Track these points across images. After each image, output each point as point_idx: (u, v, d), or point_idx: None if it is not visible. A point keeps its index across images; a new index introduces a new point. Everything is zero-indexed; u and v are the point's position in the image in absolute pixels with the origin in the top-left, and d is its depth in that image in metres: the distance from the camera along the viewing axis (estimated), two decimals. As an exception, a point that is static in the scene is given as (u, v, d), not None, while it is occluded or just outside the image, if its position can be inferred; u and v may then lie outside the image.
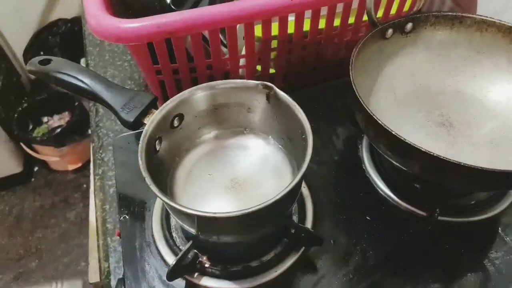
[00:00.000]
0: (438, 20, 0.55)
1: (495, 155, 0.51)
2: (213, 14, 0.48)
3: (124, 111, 0.44)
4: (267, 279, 0.44)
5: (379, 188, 0.53)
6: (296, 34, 0.56)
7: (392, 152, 0.45)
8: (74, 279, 1.36)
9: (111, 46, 0.77)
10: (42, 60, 0.47)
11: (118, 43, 0.56)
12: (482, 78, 0.56)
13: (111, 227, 0.52)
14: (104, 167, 0.59)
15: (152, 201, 0.51)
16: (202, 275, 0.45)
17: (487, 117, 0.54)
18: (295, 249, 0.47)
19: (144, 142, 0.41)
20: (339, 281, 0.45)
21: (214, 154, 0.50)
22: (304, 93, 0.65)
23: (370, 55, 0.52)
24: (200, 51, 0.53)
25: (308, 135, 0.41)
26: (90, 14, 0.47)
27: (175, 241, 0.48)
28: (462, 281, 0.46)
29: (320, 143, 0.58)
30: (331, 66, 0.66)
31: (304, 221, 0.49)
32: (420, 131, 0.53)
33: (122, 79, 0.71)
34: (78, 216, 1.52)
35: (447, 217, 0.49)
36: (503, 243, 0.49)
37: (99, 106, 0.67)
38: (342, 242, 0.48)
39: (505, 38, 0.53)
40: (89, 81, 0.46)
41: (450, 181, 0.44)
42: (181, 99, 0.46)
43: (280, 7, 0.50)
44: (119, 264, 0.49)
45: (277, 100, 0.46)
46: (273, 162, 0.49)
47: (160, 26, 0.46)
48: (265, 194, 0.44)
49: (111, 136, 0.63)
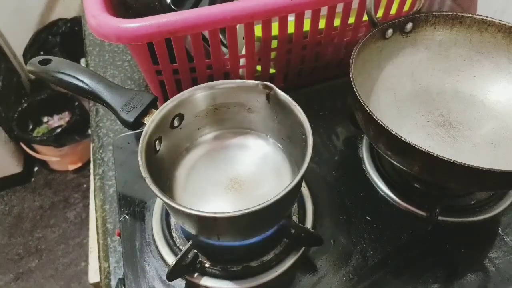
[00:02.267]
0: (438, 20, 0.55)
1: (495, 155, 0.51)
2: (213, 14, 0.48)
3: (124, 111, 0.44)
4: (267, 279, 0.44)
5: (379, 188, 0.53)
6: (296, 34, 0.56)
7: (392, 152, 0.45)
8: (74, 279, 1.36)
9: (111, 46, 0.77)
10: (42, 60, 0.47)
11: (118, 43, 0.56)
12: (482, 78, 0.56)
13: (111, 227, 0.52)
14: (104, 167, 0.59)
15: (152, 201, 0.51)
16: (202, 275, 0.45)
17: (487, 117, 0.54)
18: (295, 249, 0.47)
19: (144, 142, 0.41)
20: (339, 281, 0.45)
21: (214, 154, 0.50)
22: (304, 93, 0.65)
23: (370, 55, 0.53)
24: (200, 51, 0.53)
25: (308, 135, 0.41)
26: (90, 14, 0.47)
27: (175, 241, 0.47)
28: (462, 281, 0.46)
29: (320, 143, 0.58)
30: (331, 66, 0.66)
31: (304, 221, 0.49)
32: (420, 131, 0.53)
33: (122, 79, 0.71)
34: (78, 216, 1.52)
35: (447, 217, 0.49)
36: (503, 243, 0.49)
37: (99, 106, 0.67)
38: (342, 242, 0.48)
39: (505, 38, 0.53)
40: (89, 81, 0.46)
41: (450, 181, 0.44)
42: (181, 99, 0.46)
43: (280, 7, 0.50)
44: (119, 264, 0.49)
45: (277, 100, 0.46)
46: (273, 162, 0.49)
47: (160, 26, 0.46)
48: (265, 194, 0.44)
49: (111, 136, 0.63)
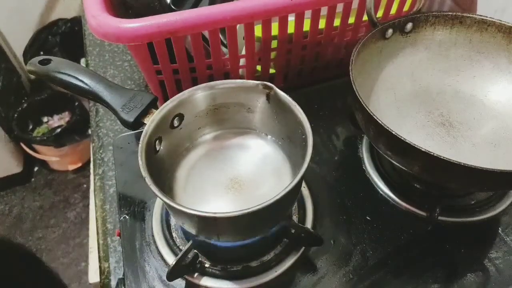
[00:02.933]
0: (438, 20, 0.55)
1: (495, 155, 0.51)
2: (213, 14, 0.48)
3: (124, 111, 0.44)
4: (267, 279, 0.44)
5: (379, 188, 0.53)
6: (296, 34, 0.56)
7: (392, 152, 0.45)
8: (74, 279, 1.36)
9: (111, 46, 0.77)
10: (42, 60, 0.47)
11: (118, 43, 0.56)
12: (482, 78, 0.56)
13: (111, 227, 0.52)
14: (104, 167, 0.59)
15: (152, 201, 0.51)
16: (202, 275, 0.45)
17: (487, 117, 0.54)
18: (295, 249, 0.47)
19: (144, 142, 0.41)
20: (339, 281, 0.45)
21: (214, 154, 0.50)
22: (304, 93, 0.65)
23: (370, 55, 0.53)
24: (200, 51, 0.53)
25: (308, 135, 0.41)
26: (90, 14, 0.47)
27: (175, 241, 0.47)
28: (462, 281, 0.46)
29: (320, 143, 0.58)
30: (331, 66, 0.66)
31: (304, 221, 0.49)
32: (420, 131, 0.53)
33: (122, 79, 0.71)
34: (78, 216, 1.52)
35: (447, 217, 0.49)
36: (503, 243, 0.49)
37: (99, 106, 0.67)
38: (342, 242, 0.48)
39: (505, 38, 0.53)
40: (89, 81, 0.46)
41: (450, 181, 0.44)
42: (181, 99, 0.46)
43: (280, 7, 0.50)
44: (119, 264, 0.49)
45: (277, 100, 0.46)
46: (273, 162, 0.49)
47: (160, 26, 0.46)
48: (265, 194, 0.45)
49: (111, 136, 0.63)
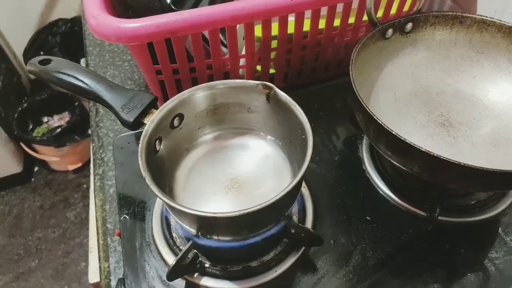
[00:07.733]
0: (438, 20, 0.55)
1: (495, 155, 0.51)
2: (213, 14, 0.48)
3: (124, 111, 0.44)
4: (267, 279, 0.44)
5: (379, 188, 0.53)
6: (296, 34, 0.56)
7: (392, 152, 0.45)
8: (74, 279, 1.37)
9: (111, 46, 0.77)
10: (42, 60, 0.47)
11: (118, 43, 0.56)
12: (482, 78, 0.56)
13: (111, 227, 0.52)
14: (104, 167, 0.59)
15: (152, 201, 0.51)
16: (202, 275, 0.45)
17: (487, 117, 0.54)
18: (295, 249, 0.46)
19: (144, 142, 0.41)
20: (339, 281, 0.45)
21: (214, 154, 0.50)
22: (304, 93, 0.65)
23: (370, 55, 0.53)
24: (200, 51, 0.53)
25: (308, 135, 0.41)
26: (90, 14, 0.47)
27: (175, 241, 0.47)
28: (462, 281, 0.46)
29: (320, 143, 0.58)
30: (331, 66, 0.66)
31: (304, 221, 0.49)
32: (420, 131, 0.53)
33: (122, 79, 0.71)
34: (78, 216, 1.52)
35: (447, 217, 0.49)
36: (503, 243, 0.49)
37: (99, 106, 0.67)
38: (342, 242, 0.48)
39: (505, 38, 0.53)
40: (89, 81, 0.46)
41: (450, 181, 0.44)
42: (181, 99, 0.46)
43: (280, 7, 0.50)
44: (119, 264, 0.49)
45: (277, 100, 0.46)
46: (273, 162, 0.49)
47: (160, 26, 0.46)
48: (265, 194, 0.44)
49: (111, 136, 0.63)
